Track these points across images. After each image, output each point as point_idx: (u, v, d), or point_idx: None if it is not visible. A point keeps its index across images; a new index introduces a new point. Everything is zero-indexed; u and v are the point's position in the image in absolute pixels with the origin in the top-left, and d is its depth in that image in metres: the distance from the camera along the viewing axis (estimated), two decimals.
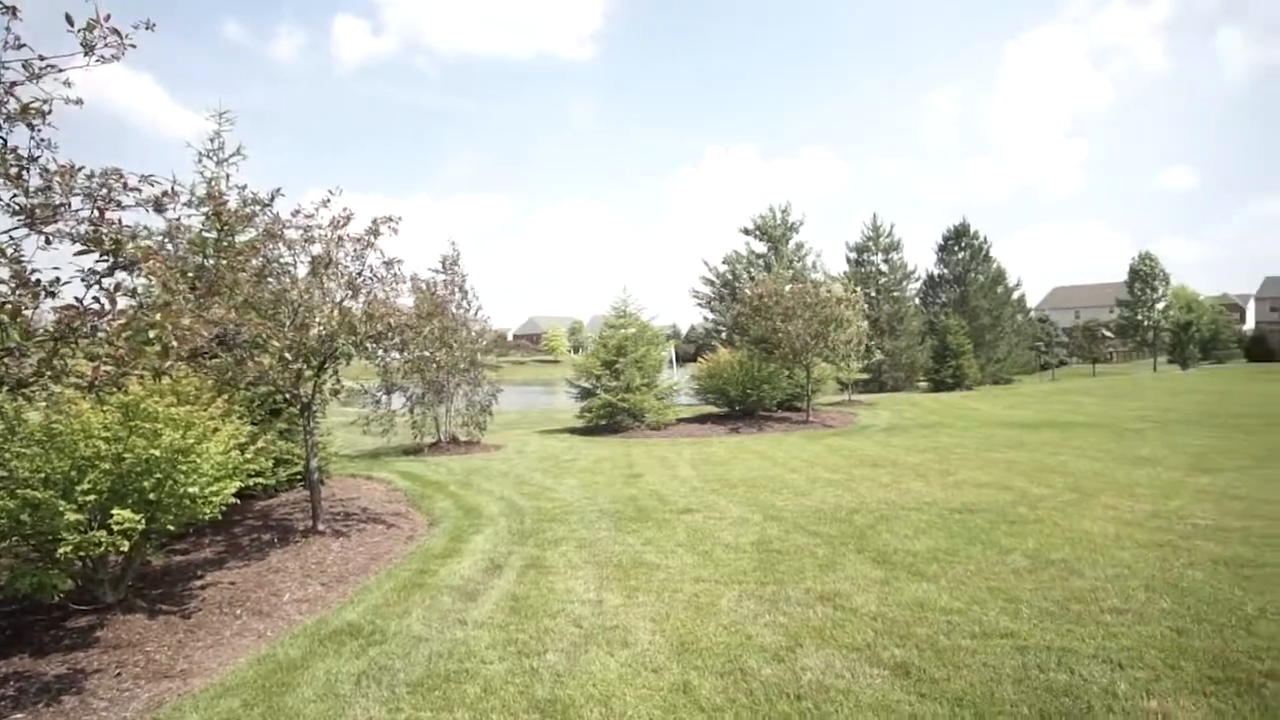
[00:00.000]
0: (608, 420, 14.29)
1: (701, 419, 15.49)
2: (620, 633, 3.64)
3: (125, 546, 3.76)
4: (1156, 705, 2.72)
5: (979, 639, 3.37)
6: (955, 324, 30.63)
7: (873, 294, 34.43)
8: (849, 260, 36.58)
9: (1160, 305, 45.67)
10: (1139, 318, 45.71)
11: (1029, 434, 11.05)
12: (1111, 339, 51.72)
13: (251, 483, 5.39)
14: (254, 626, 4.02)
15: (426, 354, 8.69)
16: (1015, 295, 41.09)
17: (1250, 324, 63.39)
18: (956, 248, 38.63)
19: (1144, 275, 46.32)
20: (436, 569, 4.90)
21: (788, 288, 16.76)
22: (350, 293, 5.87)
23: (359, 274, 6.02)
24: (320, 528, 5.91)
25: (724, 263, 29.68)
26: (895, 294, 35.18)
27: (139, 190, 3.23)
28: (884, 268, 35.94)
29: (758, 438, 12.62)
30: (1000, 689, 2.89)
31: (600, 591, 4.31)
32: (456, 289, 12.50)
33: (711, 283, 29.68)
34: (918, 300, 37.94)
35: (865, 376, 26.09)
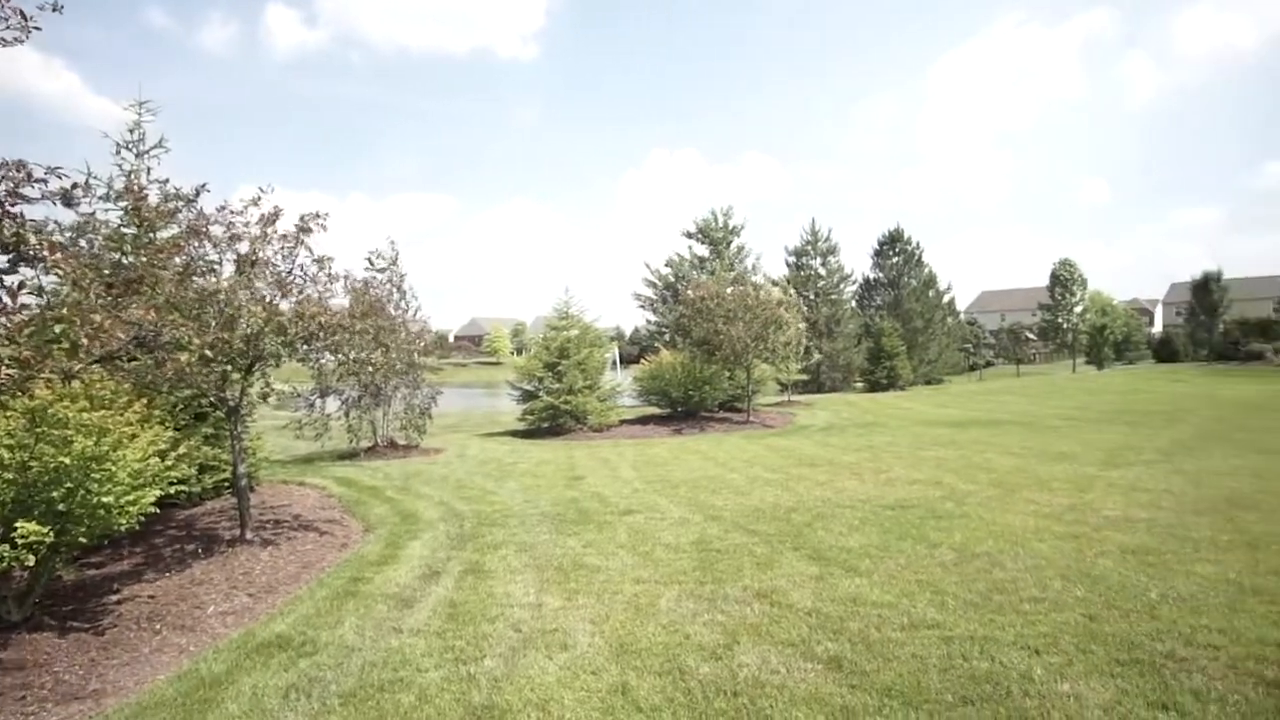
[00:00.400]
0: (550, 422, 14.20)
1: (644, 420, 15.55)
2: (560, 636, 3.62)
3: (31, 561, 3.54)
4: (1069, 688, 2.87)
5: (908, 631, 3.49)
6: (889, 326, 31.61)
7: (811, 297, 35.23)
8: (788, 264, 37.30)
9: (1078, 309, 48.16)
10: (1059, 320, 48.09)
11: (958, 432, 11.50)
12: (1034, 341, 54.24)
13: (174, 491, 5.16)
14: (175, 641, 3.84)
15: (362, 356, 8.46)
16: (946, 299, 42.61)
17: (1158, 327, 67.40)
18: (891, 253, 39.86)
19: (1063, 280, 48.75)
20: (372, 576, 4.79)
21: (729, 290, 17.00)
22: (279, 292, 5.67)
23: (289, 273, 5.83)
24: (248, 537, 5.69)
25: (666, 265, 29.87)
26: (833, 297, 36.06)
27: (45, 183, 3.05)
28: (822, 271, 36.79)
29: (699, 438, 12.75)
30: (926, 678, 3.00)
31: (540, 595, 4.28)
32: (395, 289, 12.23)
33: (654, 285, 29.83)
34: (854, 303, 38.96)
35: (804, 377, 26.68)
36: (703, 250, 30.62)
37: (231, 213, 5.60)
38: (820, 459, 9.32)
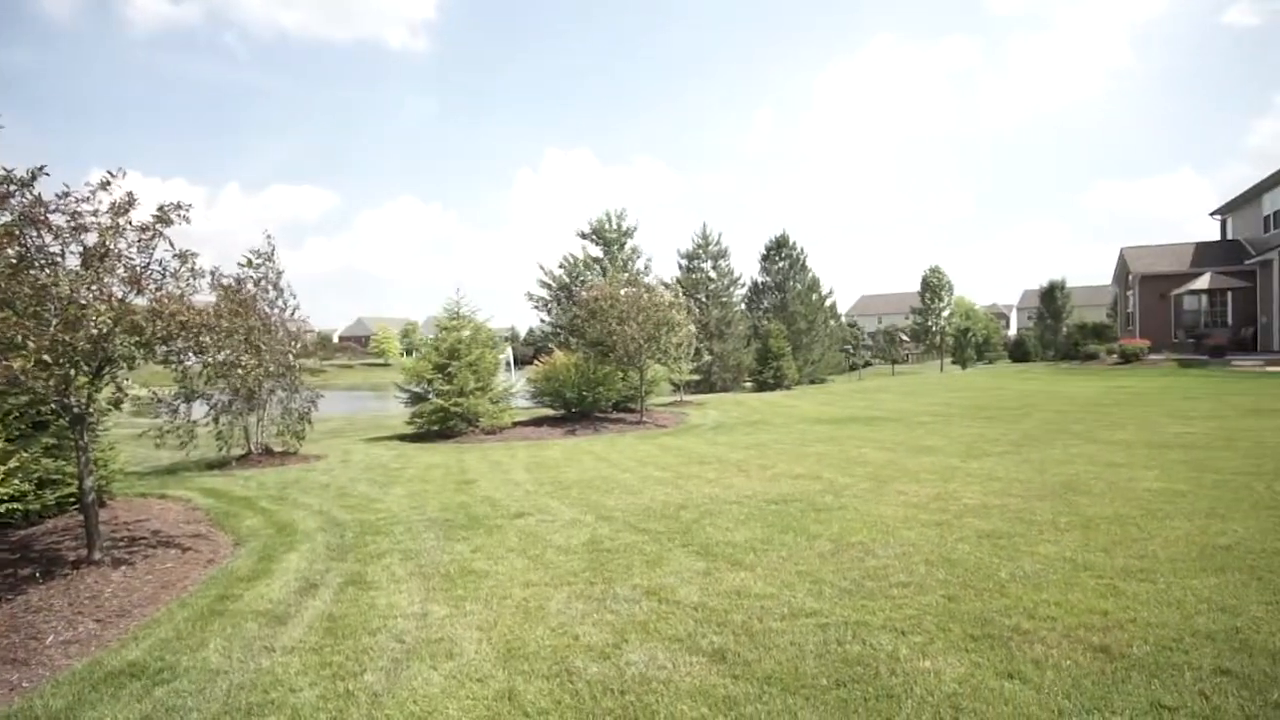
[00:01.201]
0: (440, 425, 13.82)
1: (538, 421, 15.42)
2: (445, 645, 3.54)
3: None
4: (930, 664, 3.10)
5: (788, 620, 3.65)
6: (776, 328, 32.88)
7: (703, 299, 36.06)
8: (681, 266, 38.04)
9: (946, 313, 52.00)
10: (929, 324, 51.71)
11: (837, 429, 12.12)
12: (908, 342, 58.03)
13: (5, 509, 4.63)
14: (5, 678, 3.45)
15: (231, 357, 7.91)
16: (828, 302, 44.82)
17: (1013, 330, 73.69)
18: (777, 257, 41.47)
19: (933, 286, 52.50)
20: (241, 593, 4.49)
21: (623, 291, 17.13)
22: (133, 288, 5.20)
23: (145, 267, 5.36)
24: (97, 556, 5.19)
25: (561, 266, 29.78)
26: (723, 299, 37.06)
27: None
28: (713, 274, 37.76)
29: (593, 439, 12.77)
30: (804, 664, 3.15)
31: (426, 604, 4.16)
32: (271, 286, 11.51)
33: (549, 285, 29.66)
34: (744, 305, 40.21)
35: (696, 378, 27.25)
36: (596, 251, 30.72)
37: (76, 199, 5.09)
38: (710, 457, 9.57)
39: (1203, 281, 26.78)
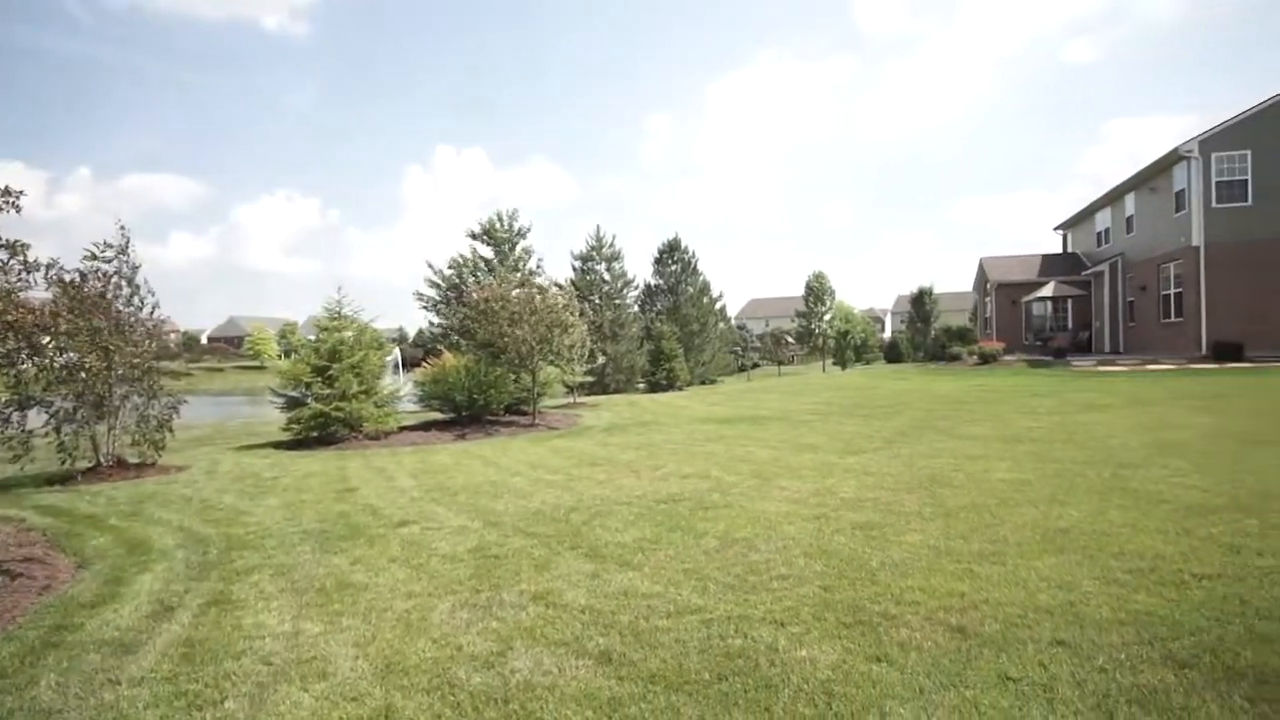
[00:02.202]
0: (320, 431, 13.09)
1: (426, 426, 14.93)
2: (318, 664, 3.35)
3: None
4: (806, 653, 3.24)
5: (673, 618, 3.72)
6: (669, 330, 33.44)
7: (596, 301, 36.14)
8: (574, 268, 37.98)
9: (828, 317, 54.69)
10: (812, 326, 54.19)
11: (726, 428, 12.48)
12: (793, 344, 60.56)
13: None
14: None
15: (76, 360, 7.17)
16: (719, 305, 46.04)
17: (888, 332, 78.46)
18: (670, 260, 42.19)
19: (816, 291, 55.11)
20: (83, 622, 4.06)
21: (515, 292, 16.90)
22: None
23: None
24: None
25: (450, 266, 28.99)
26: (617, 301, 37.30)
27: None
28: (607, 276, 37.93)
29: (483, 443, 12.51)
30: (688, 660, 3.21)
31: (297, 622, 3.92)
32: (124, 282, 10.51)
33: (438, 286, 28.80)
34: (637, 307, 40.63)
35: (590, 379, 27.26)
36: (488, 252, 30.14)
37: None
38: (601, 458, 9.60)
39: (1048, 290, 29.57)
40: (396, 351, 23.59)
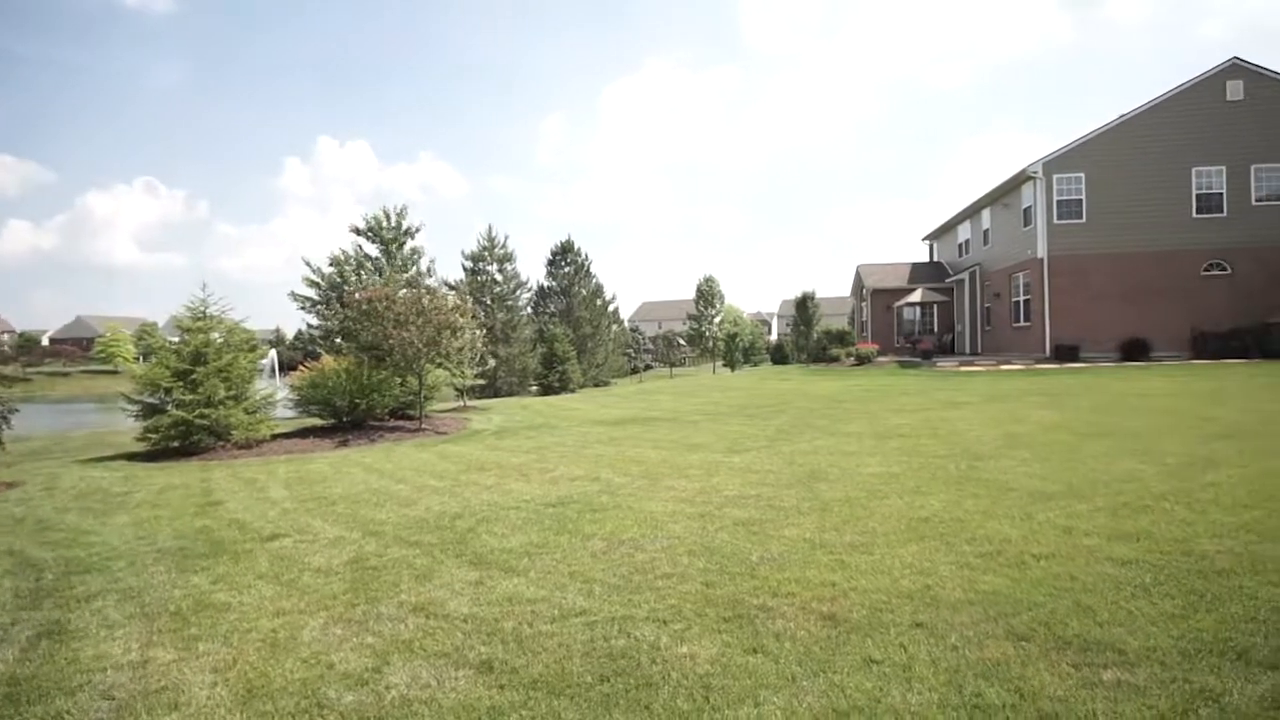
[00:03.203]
0: (182, 441, 12.10)
1: (304, 433, 14.12)
2: (169, 694, 3.09)
3: None
4: (687, 649, 3.31)
5: (558, 622, 3.70)
6: (562, 332, 33.28)
7: (488, 302, 35.48)
8: (465, 269, 37.13)
9: (717, 320, 56.18)
10: (703, 329, 55.50)
11: (617, 429, 12.56)
12: (684, 346, 61.79)
13: None
14: None
15: None
16: (612, 307, 46.34)
17: (774, 335, 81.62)
18: (563, 262, 42.06)
19: (706, 295, 56.46)
20: None
21: (402, 293, 16.31)
22: None
23: None
24: None
25: (332, 264, 27.55)
26: (509, 303, 36.77)
27: None
28: (499, 278, 37.32)
29: (366, 449, 11.98)
30: (571, 664, 3.21)
31: (147, 650, 3.60)
32: None
33: (317, 285, 27.28)
34: (530, 309, 40.19)
35: (481, 382, 26.70)
36: (373, 250, 28.89)
37: None
38: (490, 463, 9.42)
39: (916, 296, 31.74)
40: (272, 354, 22.21)
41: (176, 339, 13.94)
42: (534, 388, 33.50)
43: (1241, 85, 22.56)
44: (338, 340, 23.31)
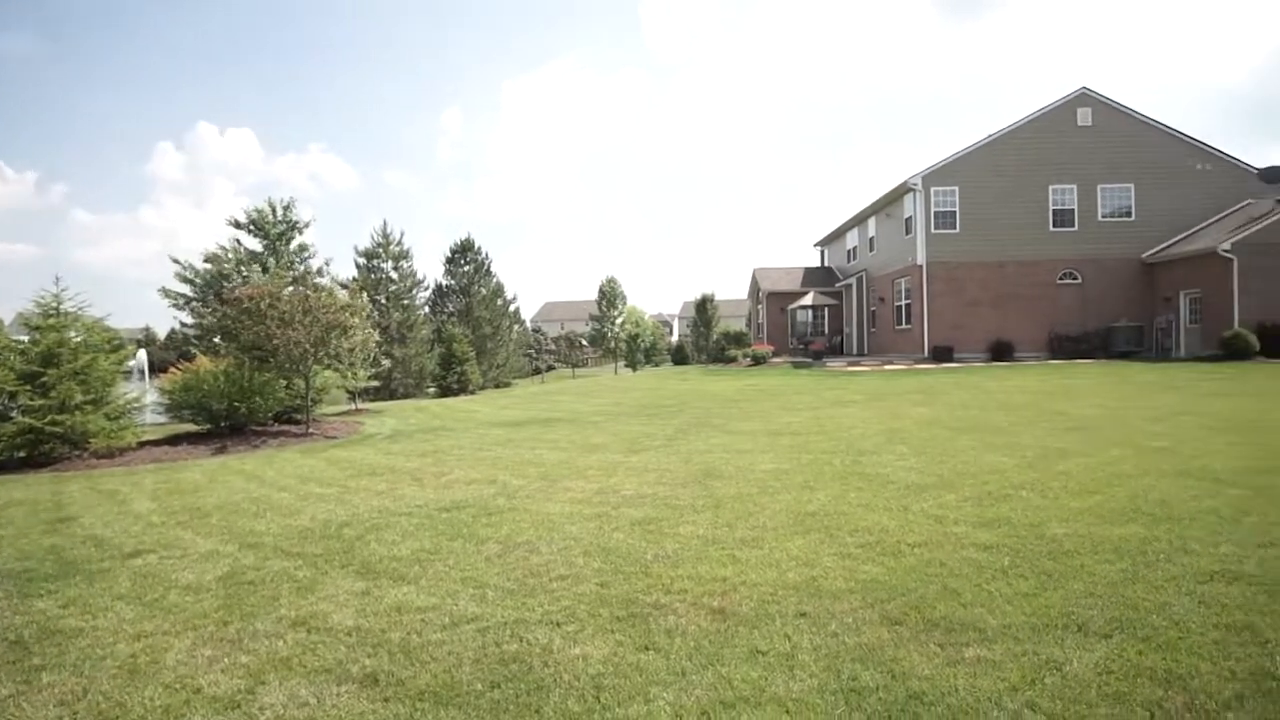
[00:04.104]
0: (29, 451, 10.99)
1: (176, 440, 13.12)
2: None
3: None
4: (579, 651, 3.32)
5: (448, 630, 3.62)
6: (461, 333, 32.53)
7: (383, 301, 34.19)
8: (358, 265, 35.66)
9: (619, 320, 56.51)
10: (605, 330, 55.69)
11: (516, 431, 12.41)
12: (586, 347, 61.79)
13: None
14: None
15: None
16: (513, 307, 45.73)
17: (675, 336, 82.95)
18: (463, 261, 41.11)
19: (609, 295, 56.69)
20: None
21: (287, 290, 15.47)
22: None
23: None
24: None
25: (208, 260, 25.72)
26: (405, 302, 35.59)
27: None
28: (394, 275, 36.05)
29: (247, 456, 11.26)
30: (460, 672, 3.14)
31: None
32: None
33: (191, 281, 25.39)
34: (427, 309, 39.06)
35: (375, 384, 25.71)
36: (255, 244, 27.23)
37: None
38: (382, 467, 9.08)
39: (809, 299, 33.13)
40: (142, 355, 20.48)
41: (26, 338, 12.61)
42: (431, 389, 32.57)
43: (1090, 113, 24.95)
44: (216, 340, 21.87)
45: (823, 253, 39.38)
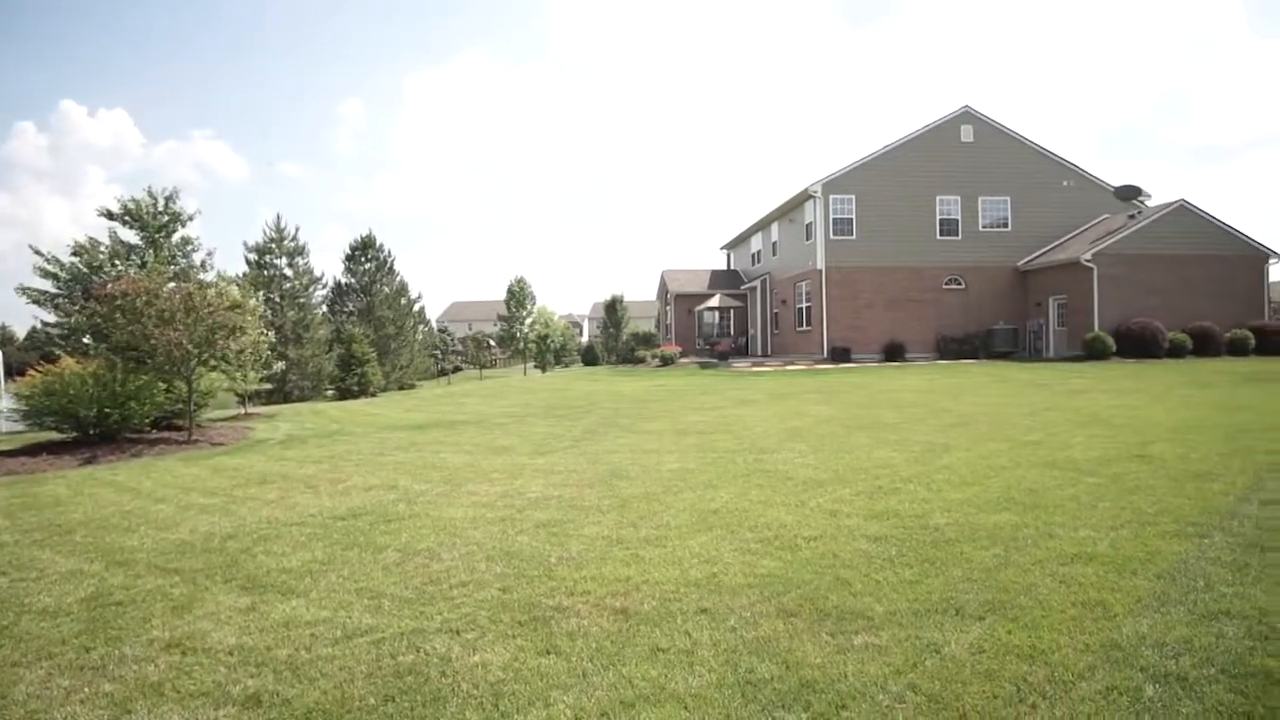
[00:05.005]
0: None
1: (34, 449, 11.97)
2: None
3: None
4: (479, 658, 3.26)
5: (340, 643, 3.47)
6: (361, 333, 31.27)
7: (277, 299, 32.46)
8: (249, 261, 33.70)
9: (529, 321, 55.86)
10: (514, 330, 54.93)
11: (419, 434, 12.05)
12: (495, 348, 60.75)
13: None
14: None
15: None
16: (418, 307, 44.37)
17: (585, 337, 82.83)
18: (363, 258, 39.55)
19: (518, 295, 55.93)
20: None
21: (168, 287, 14.41)
22: None
23: None
24: None
25: (76, 252, 23.60)
26: (301, 300, 33.92)
27: None
28: (289, 273, 34.30)
29: (119, 466, 10.41)
30: (352, 688, 3.02)
31: None
32: None
33: (56, 275, 23.22)
34: (325, 308, 37.37)
35: (268, 387, 24.36)
36: (132, 237, 25.25)
37: None
38: (274, 475, 8.60)
39: (715, 301, 33.85)
40: None
41: None
42: (330, 392, 31.15)
43: (972, 130, 26.73)
44: (85, 340, 20.12)
45: (729, 255, 40.31)
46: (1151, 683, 2.82)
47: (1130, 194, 25.53)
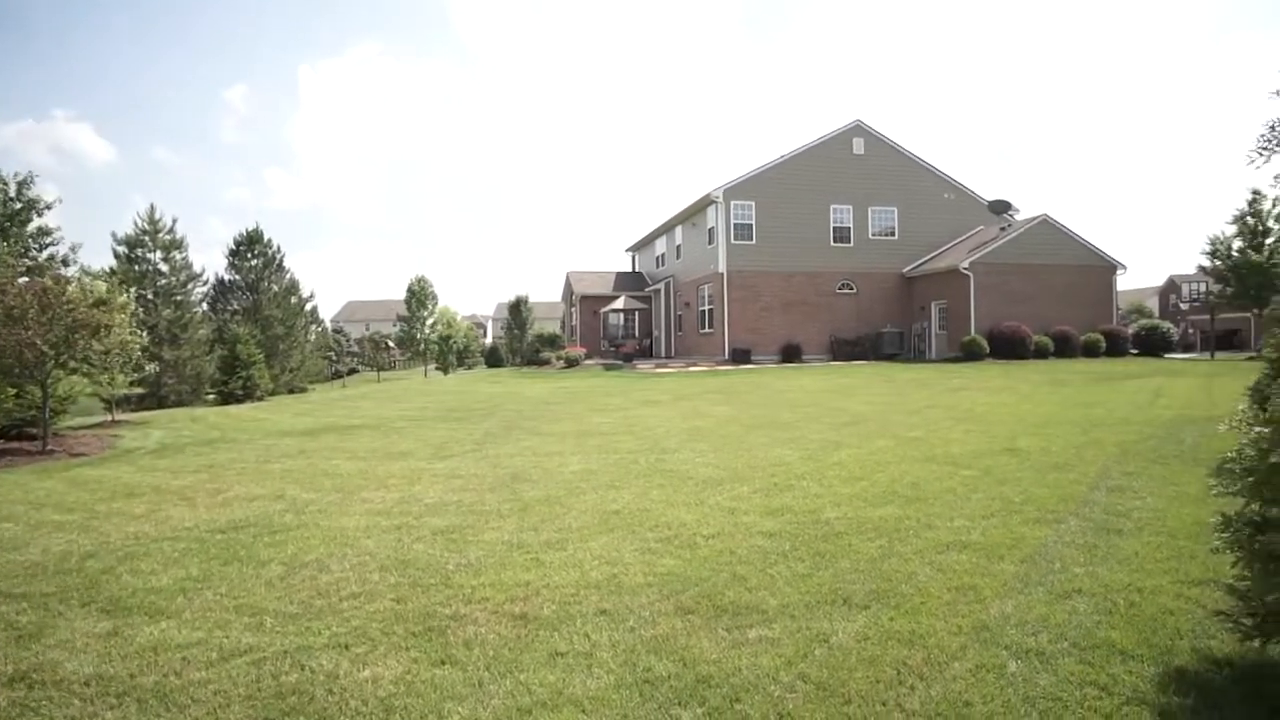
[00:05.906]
0: None
1: None
2: None
3: None
4: (369, 673, 3.13)
5: (215, 666, 3.24)
6: (247, 333, 29.38)
7: (150, 296, 30.10)
8: (119, 255, 31.08)
9: (430, 321, 54.31)
10: (414, 331, 53.24)
11: (309, 440, 11.45)
12: (394, 349, 58.63)
13: None
14: None
15: None
16: (310, 306, 42.24)
17: (489, 338, 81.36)
18: (249, 254, 37.27)
19: (418, 295, 54.27)
20: None
21: (21, 281, 13.06)
22: None
23: None
24: None
25: None
26: (178, 298, 31.63)
27: None
28: (164, 268, 31.92)
29: None
30: (227, 713, 2.83)
31: None
32: None
33: None
34: (206, 306, 34.96)
35: (140, 391, 22.53)
36: None
37: None
38: (144, 487, 7.95)
39: (620, 303, 34.04)
40: None
41: None
42: (211, 396, 29.10)
43: (863, 142, 28.14)
44: None
45: (634, 258, 40.62)
46: (1014, 659, 3.06)
47: (1002, 208, 27.61)
